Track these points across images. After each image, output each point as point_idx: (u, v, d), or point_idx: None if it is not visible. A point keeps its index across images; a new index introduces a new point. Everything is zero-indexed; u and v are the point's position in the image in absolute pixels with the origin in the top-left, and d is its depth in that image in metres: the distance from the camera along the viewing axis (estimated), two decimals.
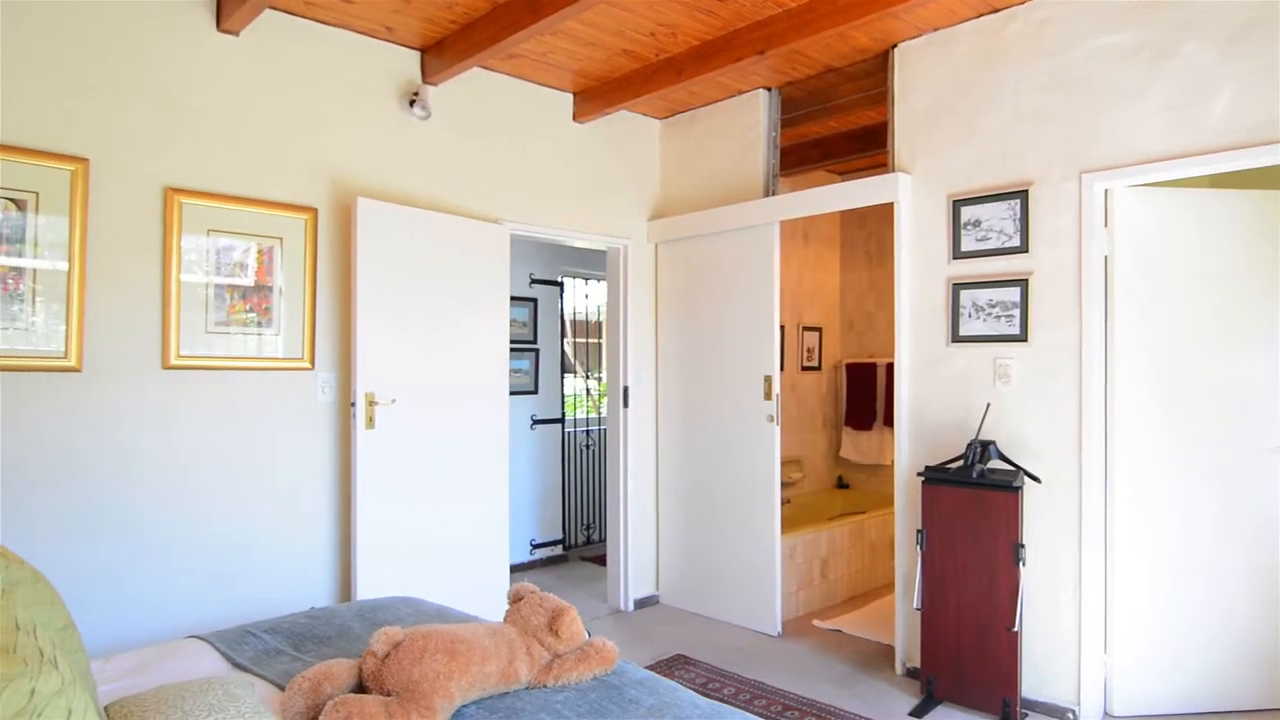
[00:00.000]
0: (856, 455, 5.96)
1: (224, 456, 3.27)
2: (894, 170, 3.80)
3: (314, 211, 3.51)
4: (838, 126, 4.97)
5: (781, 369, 5.63)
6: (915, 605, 3.44)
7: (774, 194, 4.40)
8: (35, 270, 2.84)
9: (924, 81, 3.71)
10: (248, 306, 3.34)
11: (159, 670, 2.06)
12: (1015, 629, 3.10)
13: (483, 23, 3.49)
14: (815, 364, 6.07)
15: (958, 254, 3.55)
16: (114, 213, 3.01)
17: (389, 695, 1.77)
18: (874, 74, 4.08)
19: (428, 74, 3.84)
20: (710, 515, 4.57)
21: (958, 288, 3.54)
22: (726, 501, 4.47)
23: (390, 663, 1.82)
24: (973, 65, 3.53)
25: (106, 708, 1.60)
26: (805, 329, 5.98)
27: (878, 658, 3.87)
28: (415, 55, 3.85)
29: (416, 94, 3.77)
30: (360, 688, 1.86)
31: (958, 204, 3.55)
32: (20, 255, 2.81)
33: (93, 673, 1.84)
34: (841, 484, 6.17)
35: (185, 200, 3.17)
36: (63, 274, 2.89)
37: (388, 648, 1.86)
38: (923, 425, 3.67)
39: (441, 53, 3.75)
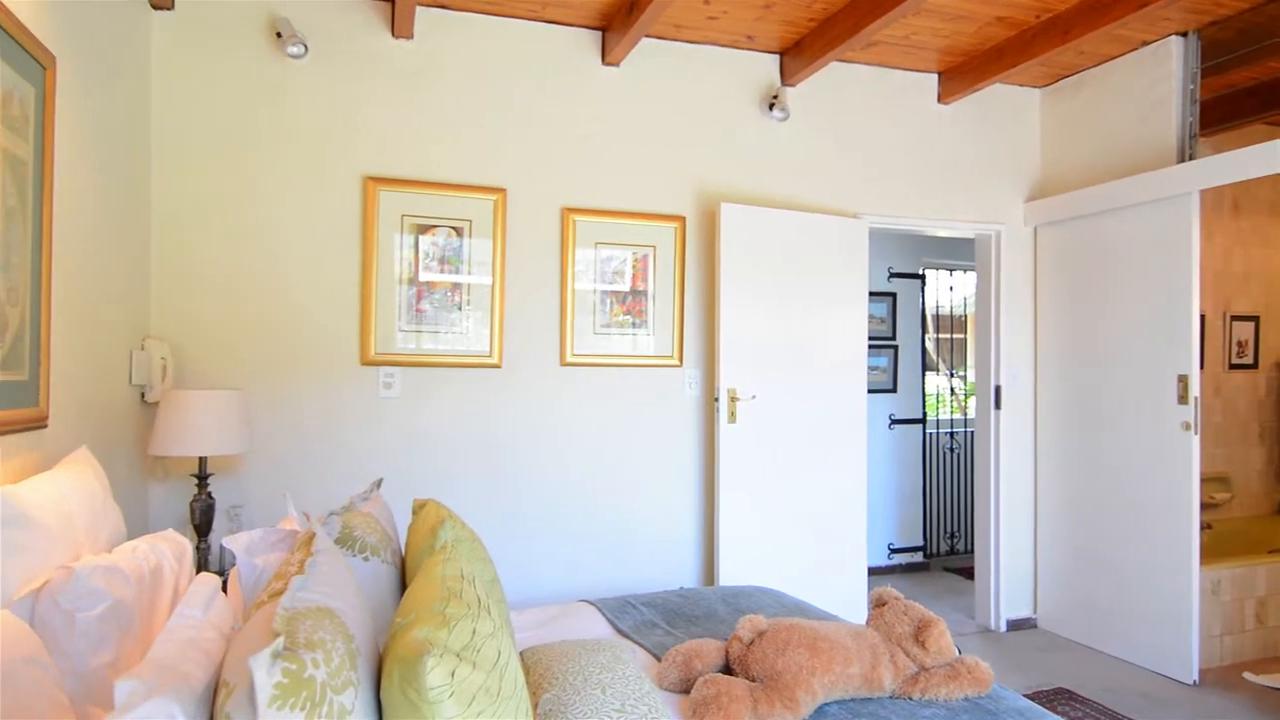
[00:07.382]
0: None
1: (607, 443, 3.67)
2: None
3: (682, 220, 3.77)
4: None
5: (1201, 367, 4.72)
6: None
7: (1191, 158, 3.69)
8: (468, 285, 3.46)
9: None
10: (625, 310, 3.71)
11: (558, 626, 2.38)
12: None
13: (841, 15, 3.44)
14: (1249, 361, 4.97)
15: None
16: (523, 233, 3.54)
17: (753, 680, 1.84)
18: None
19: (786, 75, 3.90)
20: (1104, 534, 3.99)
21: None
22: (1126, 520, 3.87)
23: (754, 650, 1.88)
24: None
25: (520, 653, 1.89)
26: (1234, 319, 4.92)
27: None
28: (774, 59, 3.93)
29: (776, 97, 3.84)
30: (726, 668, 1.96)
31: None
32: (457, 272, 3.44)
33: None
34: None
35: (578, 218, 3.61)
36: (487, 287, 3.48)
37: (752, 635, 1.93)
38: None
39: (800, 52, 3.78)
